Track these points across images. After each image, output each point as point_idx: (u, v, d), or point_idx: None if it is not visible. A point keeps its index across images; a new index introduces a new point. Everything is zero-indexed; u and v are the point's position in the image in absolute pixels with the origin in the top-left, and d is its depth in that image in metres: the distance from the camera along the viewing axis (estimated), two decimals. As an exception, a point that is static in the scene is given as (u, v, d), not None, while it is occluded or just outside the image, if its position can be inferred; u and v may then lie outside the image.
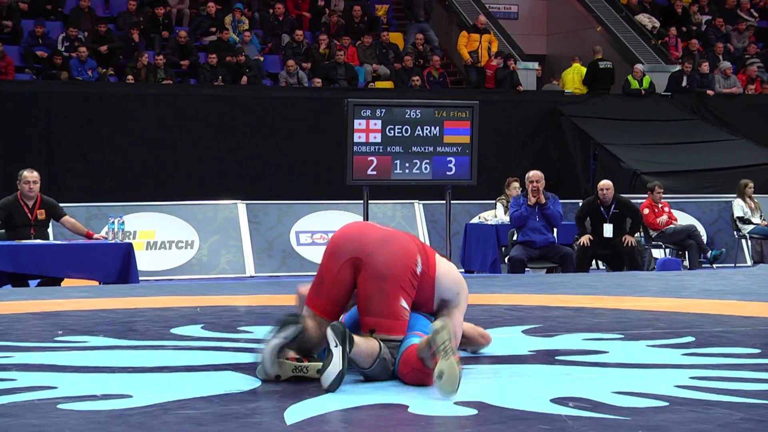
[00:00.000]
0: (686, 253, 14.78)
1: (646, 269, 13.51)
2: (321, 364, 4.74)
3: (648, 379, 5.01)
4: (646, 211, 14.49)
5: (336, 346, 4.65)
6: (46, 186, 11.35)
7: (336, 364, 4.62)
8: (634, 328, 6.81)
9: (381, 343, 4.85)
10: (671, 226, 14.75)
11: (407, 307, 4.95)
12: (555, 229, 12.59)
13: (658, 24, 23.83)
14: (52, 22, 20.07)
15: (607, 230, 12.98)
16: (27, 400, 4.49)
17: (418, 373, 4.78)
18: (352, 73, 20.26)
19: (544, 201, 12.22)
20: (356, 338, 4.76)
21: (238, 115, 18.26)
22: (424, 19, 22.76)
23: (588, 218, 13.17)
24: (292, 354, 4.91)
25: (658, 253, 15.02)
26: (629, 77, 20.99)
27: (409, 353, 4.83)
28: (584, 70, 21.38)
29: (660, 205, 14.83)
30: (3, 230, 10.65)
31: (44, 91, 17.84)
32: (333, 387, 4.63)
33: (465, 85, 21.63)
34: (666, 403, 4.45)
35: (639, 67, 21.23)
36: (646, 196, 14.92)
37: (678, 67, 21.71)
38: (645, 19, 23.74)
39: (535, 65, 22.20)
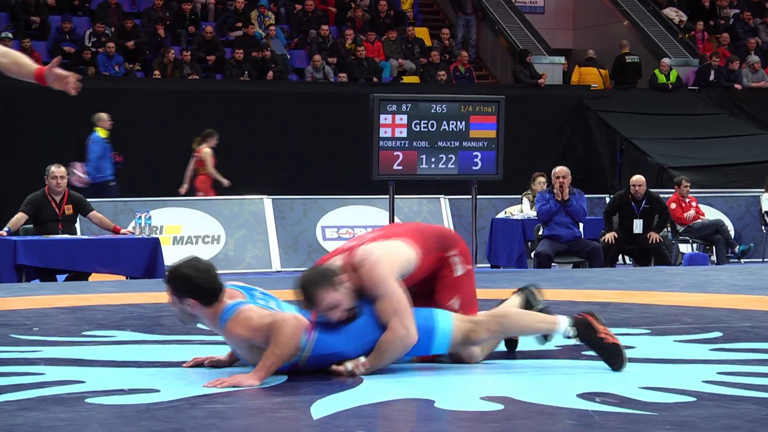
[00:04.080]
0: (714, 248, 14.70)
1: (673, 264, 13.45)
2: None
3: (675, 375, 4.99)
4: (674, 205, 14.43)
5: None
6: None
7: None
8: (662, 323, 6.79)
9: None
10: (699, 220, 14.68)
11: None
12: (581, 224, 12.56)
13: (685, 18, 23.71)
14: (79, 18, 20.16)
15: (637, 226, 12.92)
16: (55, 394, 4.52)
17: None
18: (375, 67, 20.27)
19: (567, 197, 12.19)
20: None
21: (264, 110, 18.28)
22: (471, 11, 22.77)
23: (617, 213, 13.12)
24: None
25: (685, 248, 14.95)
26: (656, 71, 20.91)
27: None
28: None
29: (687, 200, 14.77)
30: (31, 225, 10.71)
31: (71, 86, 17.88)
32: None
33: (491, 79, 21.60)
34: (693, 399, 4.43)
35: (666, 61, 21.14)
36: (673, 190, 14.86)
37: (703, 61, 21.60)
38: (672, 13, 23.63)
39: (562, 60, 22.13)
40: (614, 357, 5.00)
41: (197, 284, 4.81)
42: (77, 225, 11.46)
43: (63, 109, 17.44)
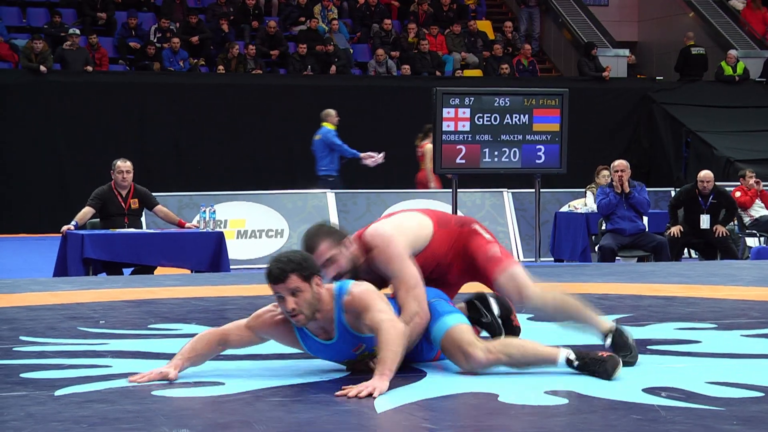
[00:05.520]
0: (781, 241, 14.49)
1: (740, 258, 13.30)
2: None
3: (742, 370, 4.94)
4: (738, 194, 14.21)
5: None
6: (138, 175, 11.50)
7: None
8: (728, 317, 6.72)
9: None
10: (766, 213, 14.46)
11: None
12: (645, 217, 12.45)
13: (752, 9, 23.41)
14: (144, 14, 20.36)
15: (704, 221, 12.76)
16: (122, 386, 4.57)
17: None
18: (438, 61, 20.24)
19: (628, 190, 12.08)
20: None
21: (327, 104, 18.28)
22: (534, 3, 22.68)
23: (683, 207, 12.98)
24: None
25: (752, 242, 14.75)
26: (722, 63, 20.67)
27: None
28: None
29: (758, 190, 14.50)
30: (97, 219, 10.82)
31: (137, 81, 18.10)
32: None
33: (555, 72, 21.48)
34: (761, 394, 4.38)
35: (733, 53, 20.88)
36: (739, 183, 14.66)
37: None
38: (739, 4, 23.33)
39: (626, 52, 21.96)
40: (609, 365, 4.71)
41: (314, 259, 4.73)
42: (143, 219, 11.56)
43: (128, 105, 17.63)
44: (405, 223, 5.07)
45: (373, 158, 15.02)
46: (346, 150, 15.13)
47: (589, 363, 4.72)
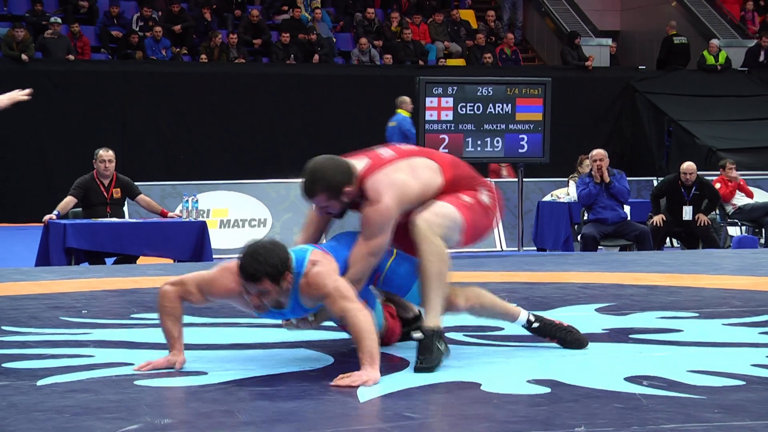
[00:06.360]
0: (763, 230, 14.54)
1: (722, 247, 13.34)
2: None
3: (724, 358, 4.96)
4: (719, 185, 14.25)
5: None
6: (121, 165, 11.47)
7: None
8: (710, 306, 6.74)
9: None
10: (749, 202, 14.51)
11: None
12: (627, 206, 12.47)
13: (735, -3, 23.45)
14: (126, 2, 20.29)
15: (687, 212, 12.80)
16: (105, 376, 4.56)
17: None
18: (421, 50, 20.24)
19: (608, 179, 12.10)
20: None
21: (310, 93, 18.31)
22: None
23: (665, 197, 13.02)
24: None
25: (734, 231, 14.80)
26: (705, 53, 20.72)
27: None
28: None
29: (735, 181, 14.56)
30: (80, 209, 10.79)
31: (119, 70, 18.05)
32: None
33: (537, 61, 21.49)
34: (742, 382, 4.40)
35: (715, 42, 20.93)
36: (719, 173, 14.70)
37: (755, 42, 21.38)
38: (719, -7, 23.39)
39: (609, 41, 21.98)
40: (577, 337, 5.12)
41: (289, 256, 4.59)
42: (125, 208, 11.53)
43: (110, 94, 17.58)
44: (406, 188, 4.86)
45: None
46: (411, 137, 15.29)
47: (551, 328, 5.09)
